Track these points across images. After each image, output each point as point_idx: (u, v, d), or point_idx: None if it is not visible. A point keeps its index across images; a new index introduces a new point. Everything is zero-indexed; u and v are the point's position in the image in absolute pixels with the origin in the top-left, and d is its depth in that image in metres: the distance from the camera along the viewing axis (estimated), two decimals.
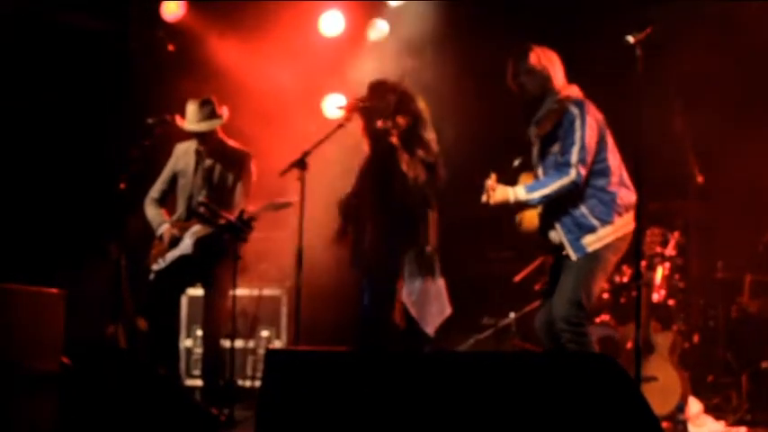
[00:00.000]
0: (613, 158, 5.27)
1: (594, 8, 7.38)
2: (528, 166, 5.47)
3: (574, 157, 5.14)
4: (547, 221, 5.34)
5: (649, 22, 5.04)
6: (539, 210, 5.40)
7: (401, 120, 5.84)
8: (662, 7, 6.71)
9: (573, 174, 5.13)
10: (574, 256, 5.22)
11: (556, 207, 5.26)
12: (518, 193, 5.25)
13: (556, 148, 5.25)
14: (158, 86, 7.92)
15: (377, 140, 5.82)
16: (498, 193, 5.25)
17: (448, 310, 5.84)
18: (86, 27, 8.40)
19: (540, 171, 5.38)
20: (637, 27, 5.03)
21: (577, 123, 5.17)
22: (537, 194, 5.23)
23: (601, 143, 5.24)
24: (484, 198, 5.27)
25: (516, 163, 5.53)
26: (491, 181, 5.26)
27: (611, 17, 6.79)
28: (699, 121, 7.29)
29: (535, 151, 5.44)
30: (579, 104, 5.23)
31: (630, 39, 5.02)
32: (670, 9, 6.86)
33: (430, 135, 5.83)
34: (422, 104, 5.90)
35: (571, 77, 5.45)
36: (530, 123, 5.42)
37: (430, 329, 5.74)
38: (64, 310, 4.90)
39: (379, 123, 5.78)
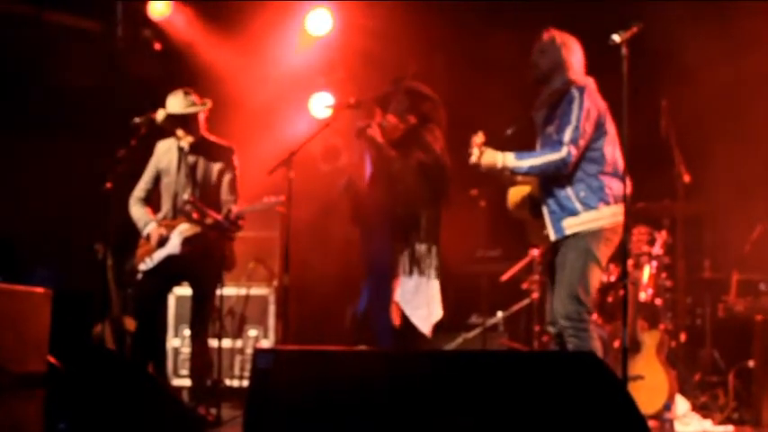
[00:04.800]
0: (610, 149, 5.25)
1: (580, 5, 7.39)
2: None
3: (567, 136, 5.14)
4: (537, 201, 5.35)
5: (635, 20, 5.03)
6: (526, 189, 5.40)
7: (411, 119, 5.85)
8: (647, 5, 6.73)
9: (564, 151, 5.14)
10: (552, 236, 5.25)
11: (545, 187, 5.28)
12: (507, 159, 5.25)
13: (552, 127, 5.27)
14: (145, 85, 7.90)
15: (357, 138, 5.81)
16: (487, 155, 5.25)
17: (437, 314, 5.81)
18: (73, 26, 8.39)
19: (538, 148, 5.39)
20: (623, 26, 5.04)
21: (575, 105, 5.18)
22: (525, 163, 5.23)
23: (598, 131, 5.23)
24: (473, 159, 5.27)
25: (509, 132, 5.53)
26: (478, 138, 5.26)
27: (597, 15, 6.79)
28: (685, 120, 7.31)
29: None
30: (581, 89, 5.23)
31: (616, 38, 5.02)
32: (655, 7, 6.88)
33: (434, 136, 5.82)
34: (433, 105, 5.89)
35: None
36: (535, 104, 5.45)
37: (425, 329, 5.73)
38: (50, 310, 4.87)
39: (361, 124, 5.77)
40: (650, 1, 6.96)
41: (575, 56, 5.35)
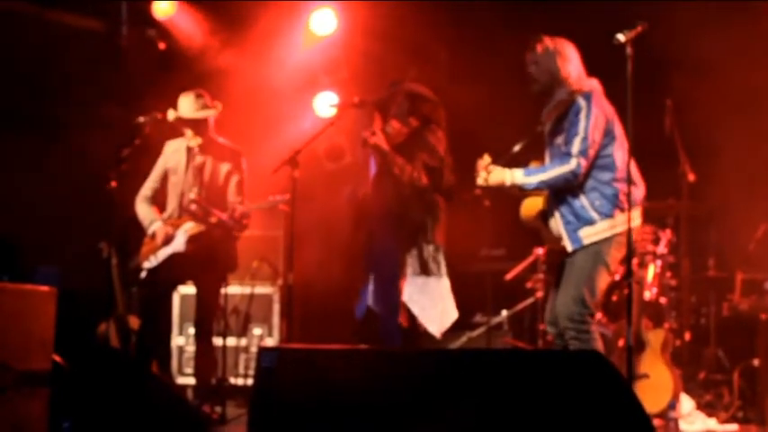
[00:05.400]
0: (620, 154, 5.18)
1: (585, 6, 7.38)
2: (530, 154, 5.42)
3: (575, 147, 5.08)
4: (549, 210, 5.31)
5: (640, 20, 5.02)
6: (540, 200, 5.37)
7: (413, 121, 5.84)
8: (652, 4, 6.72)
9: (573, 164, 5.08)
10: (570, 247, 5.18)
11: (557, 197, 5.22)
12: (515, 175, 5.20)
13: (561, 139, 5.21)
14: (149, 85, 7.91)
15: (363, 147, 5.82)
16: (495, 174, 5.20)
17: (453, 314, 5.81)
18: (77, 25, 8.39)
19: (547, 162, 5.33)
20: (627, 25, 5.02)
21: (582, 114, 5.11)
22: (534, 179, 5.18)
23: (607, 137, 5.17)
24: (480, 180, 5.23)
25: (516, 148, 5.46)
26: (484, 161, 5.21)
27: (603, 15, 6.79)
28: (690, 119, 7.30)
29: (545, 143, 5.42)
30: (587, 96, 5.16)
31: (621, 37, 5.00)
32: (661, 6, 6.87)
33: (437, 137, 5.81)
34: (433, 106, 5.89)
35: None
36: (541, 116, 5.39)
37: (434, 329, 5.72)
38: (55, 309, 4.88)
39: (366, 133, 5.76)
40: (655, 0, 6.95)
41: (571, 62, 5.28)
